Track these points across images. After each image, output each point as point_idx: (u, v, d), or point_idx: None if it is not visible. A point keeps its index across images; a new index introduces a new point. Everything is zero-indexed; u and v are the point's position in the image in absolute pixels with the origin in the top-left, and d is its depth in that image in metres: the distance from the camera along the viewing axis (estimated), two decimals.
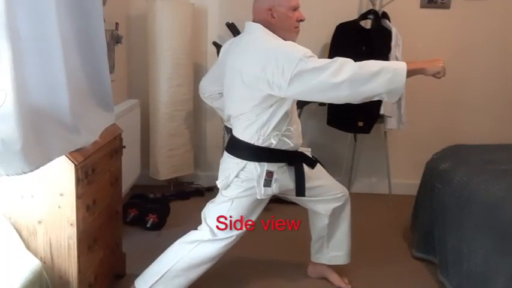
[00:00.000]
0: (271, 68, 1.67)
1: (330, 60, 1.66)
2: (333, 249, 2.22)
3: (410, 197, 2.77)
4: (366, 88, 1.64)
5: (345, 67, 1.63)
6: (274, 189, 1.89)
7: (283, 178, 1.92)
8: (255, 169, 1.86)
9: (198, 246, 1.92)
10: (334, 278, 2.26)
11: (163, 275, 1.90)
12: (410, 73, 1.67)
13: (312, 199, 2.11)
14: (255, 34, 1.84)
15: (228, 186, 1.90)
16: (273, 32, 1.83)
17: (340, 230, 2.19)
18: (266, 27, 1.83)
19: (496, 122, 3.48)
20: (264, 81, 1.70)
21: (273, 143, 1.84)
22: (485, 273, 1.89)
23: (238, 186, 1.88)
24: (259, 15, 1.85)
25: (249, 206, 1.92)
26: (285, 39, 1.82)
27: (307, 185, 1.99)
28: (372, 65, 1.65)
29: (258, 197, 1.88)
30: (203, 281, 2.08)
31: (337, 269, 2.28)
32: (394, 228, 2.95)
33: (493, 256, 1.86)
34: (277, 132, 1.84)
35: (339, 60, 1.65)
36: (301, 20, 1.87)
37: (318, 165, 2.12)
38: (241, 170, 1.87)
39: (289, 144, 1.89)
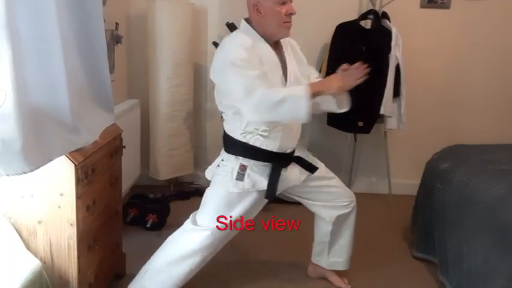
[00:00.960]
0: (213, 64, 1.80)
1: (249, 76, 1.69)
2: (333, 256, 2.21)
3: (410, 197, 2.77)
4: (271, 116, 1.71)
5: (255, 92, 1.68)
6: (246, 184, 1.84)
7: (259, 176, 1.86)
8: (230, 161, 1.88)
9: (180, 237, 1.92)
10: (334, 278, 2.26)
11: (147, 271, 1.91)
12: (314, 96, 1.70)
13: (317, 203, 2.11)
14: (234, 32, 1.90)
15: (212, 176, 1.94)
16: (262, 29, 1.80)
17: (343, 237, 2.18)
18: (256, 24, 1.81)
19: (496, 122, 3.48)
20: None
21: (248, 139, 1.84)
22: (485, 273, 1.89)
23: (218, 176, 1.91)
24: (249, 12, 1.84)
25: (230, 200, 1.87)
26: (277, 36, 1.82)
27: (306, 189, 2.01)
28: (275, 95, 1.67)
29: (230, 190, 1.85)
30: (203, 281, 2.08)
31: None
32: (394, 228, 2.95)
33: (493, 256, 1.86)
34: (254, 130, 1.83)
35: (252, 85, 1.68)
36: (291, 14, 1.79)
37: (328, 169, 2.11)
38: (222, 160, 1.91)
39: (266, 145, 1.84)
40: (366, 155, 3.56)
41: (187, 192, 3.32)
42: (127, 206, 2.78)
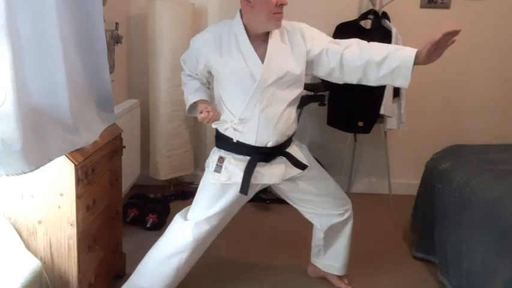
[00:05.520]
0: None
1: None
2: (329, 258, 2.21)
3: (411, 197, 2.77)
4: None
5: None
6: (222, 176, 1.82)
7: (236, 169, 1.82)
8: (214, 153, 1.90)
9: (169, 232, 1.93)
10: (334, 278, 2.26)
11: (138, 268, 1.92)
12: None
13: (309, 211, 2.07)
14: None
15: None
16: (251, 20, 1.73)
17: (338, 244, 2.16)
18: (244, 15, 1.75)
19: (496, 122, 3.49)
20: None
21: (224, 130, 1.84)
22: (485, 273, 1.89)
23: (206, 168, 1.93)
24: (240, 3, 1.75)
25: (213, 193, 1.87)
26: (266, 28, 1.73)
27: (297, 195, 2.00)
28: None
29: (210, 181, 1.86)
30: (203, 281, 2.08)
31: None
32: (394, 228, 2.95)
33: (493, 256, 1.86)
34: (229, 121, 1.81)
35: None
36: (282, 4, 1.69)
37: (323, 176, 2.06)
38: (212, 153, 1.93)
39: (242, 138, 1.80)
40: (366, 155, 3.56)
41: (187, 192, 3.31)
42: (127, 206, 2.78)
